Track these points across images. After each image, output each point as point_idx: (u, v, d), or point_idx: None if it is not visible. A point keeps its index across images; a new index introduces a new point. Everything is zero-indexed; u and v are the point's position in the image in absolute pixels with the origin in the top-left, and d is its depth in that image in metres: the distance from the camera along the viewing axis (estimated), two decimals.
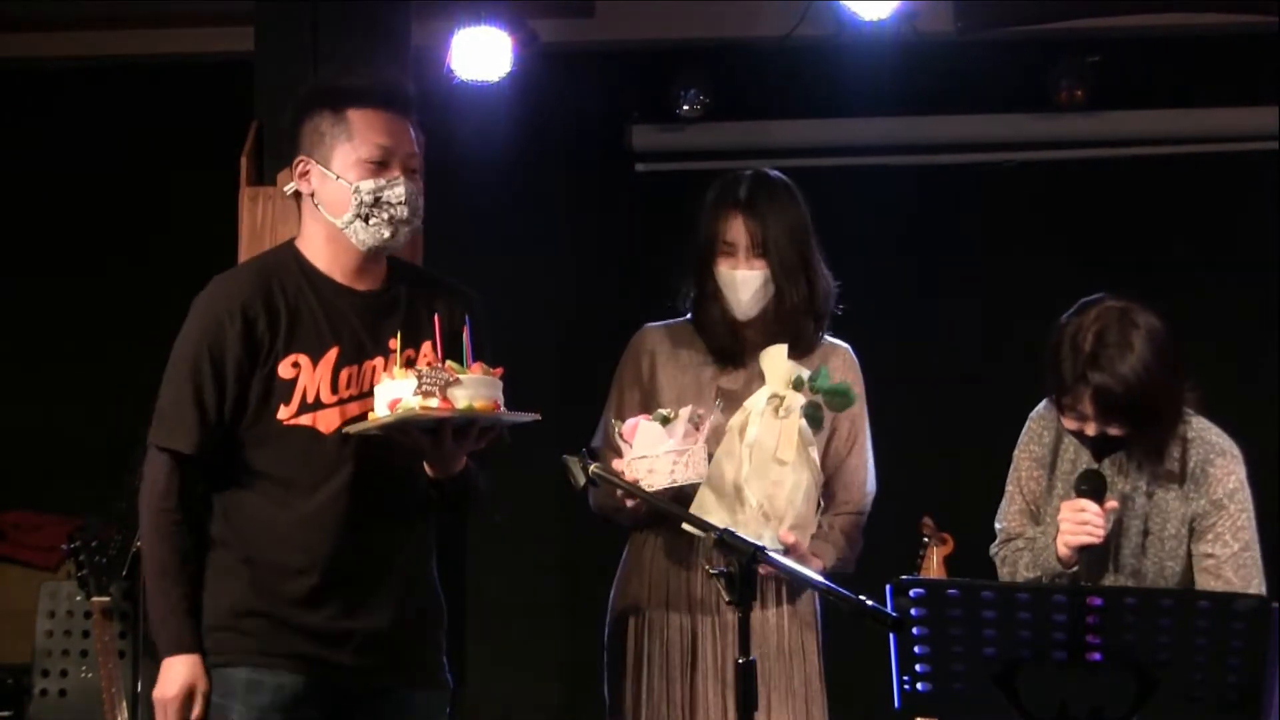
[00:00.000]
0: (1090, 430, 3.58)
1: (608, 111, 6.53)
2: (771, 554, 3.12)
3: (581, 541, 4.33)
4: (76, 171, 6.56)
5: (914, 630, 2.99)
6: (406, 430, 3.31)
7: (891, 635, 3.01)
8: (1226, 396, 6.13)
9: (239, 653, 3.36)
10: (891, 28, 6.00)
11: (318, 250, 3.47)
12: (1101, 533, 3.54)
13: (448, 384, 3.24)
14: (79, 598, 5.10)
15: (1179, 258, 6.34)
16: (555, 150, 6.50)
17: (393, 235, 3.43)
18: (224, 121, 5.12)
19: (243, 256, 4.61)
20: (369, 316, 3.46)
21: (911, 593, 2.99)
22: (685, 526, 3.71)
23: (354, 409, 3.40)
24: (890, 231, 6.25)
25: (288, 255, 3.51)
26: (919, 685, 3.03)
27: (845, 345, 4.10)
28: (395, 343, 3.41)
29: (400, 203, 3.41)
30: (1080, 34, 6.29)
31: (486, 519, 3.64)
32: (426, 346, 3.43)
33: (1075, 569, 3.58)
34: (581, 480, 3.46)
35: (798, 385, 3.88)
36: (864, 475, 4.04)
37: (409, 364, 3.39)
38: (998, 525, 3.83)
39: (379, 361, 3.41)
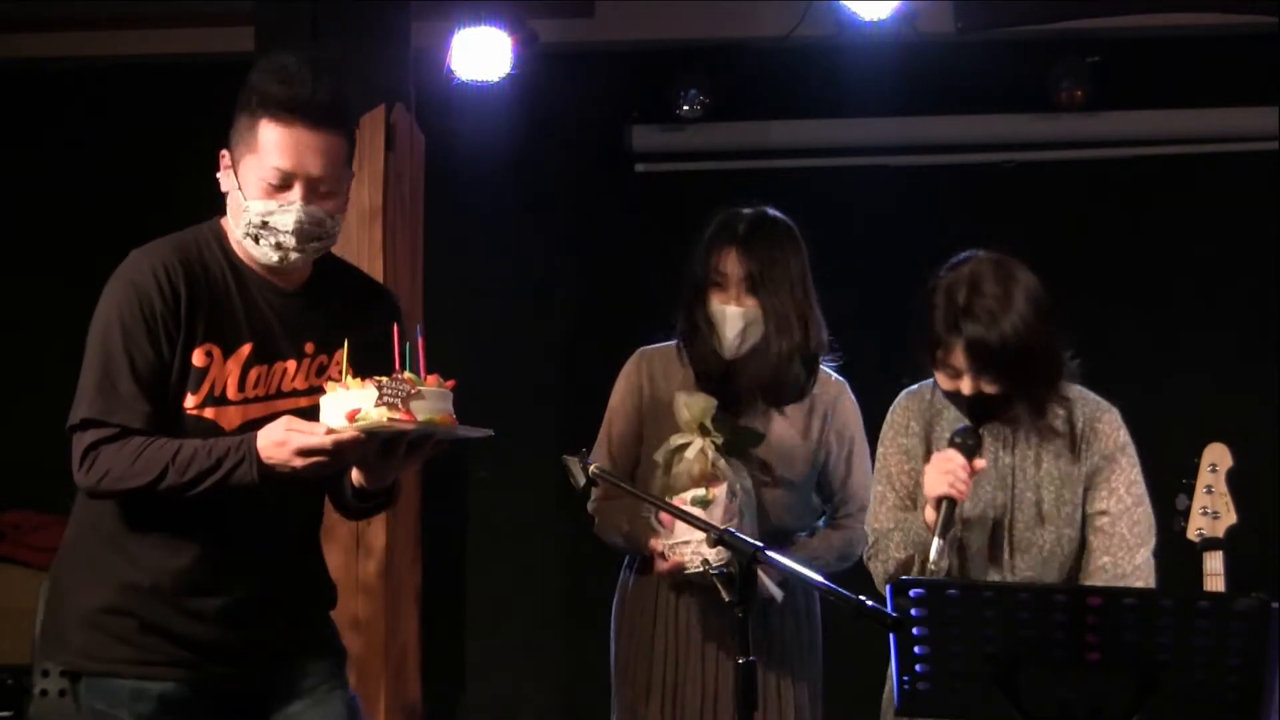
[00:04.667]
0: (966, 388, 3.41)
1: (608, 111, 6.53)
2: (771, 553, 3.12)
3: (581, 541, 4.32)
4: (77, 171, 6.56)
5: (914, 630, 2.99)
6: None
7: (891, 635, 3.00)
8: (1226, 396, 6.19)
9: (117, 662, 3.26)
10: (891, 28, 6.00)
11: (238, 241, 3.32)
12: (964, 487, 3.37)
13: (409, 396, 3.05)
14: None
15: (1179, 258, 6.34)
16: (555, 150, 6.50)
17: (282, 259, 3.26)
18: (224, 121, 5.12)
19: None
20: (288, 316, 3.32)
21: (911, 593, 2.98)
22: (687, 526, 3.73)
23: (257, 410, 3.26)
24: (890, 232, 6.25)
25: (211, 237, 3.36)
26: (919, 685, 3.02)
27: (841, 380, 4.07)
28: (311, 347, 3.30)
29: (288, 231, 3.24)
30: (1080, 34, 6.29)
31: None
32: (339, 355, 3.24)
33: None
34: (582, 480, 3.46)
35: (704, 431, 3.86)
36: (866, 493, 4.00)
37: (320, 370, 3.29)
38: (868, 529, 3.63)
39: (290, 364, 3.30)
